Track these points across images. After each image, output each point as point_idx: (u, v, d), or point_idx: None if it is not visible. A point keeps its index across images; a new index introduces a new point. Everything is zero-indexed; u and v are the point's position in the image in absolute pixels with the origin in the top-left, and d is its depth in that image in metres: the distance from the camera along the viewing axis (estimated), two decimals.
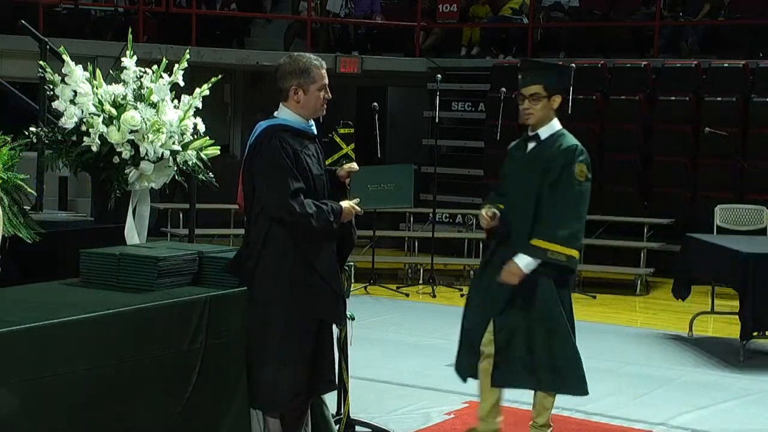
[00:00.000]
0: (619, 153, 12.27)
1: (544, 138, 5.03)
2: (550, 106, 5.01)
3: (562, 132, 5.08)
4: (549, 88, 4.97)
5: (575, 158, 4.94)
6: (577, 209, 4.92)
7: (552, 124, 5.07)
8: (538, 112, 4.98)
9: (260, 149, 4.45)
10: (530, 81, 4.98)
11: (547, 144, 5.01)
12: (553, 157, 4.94)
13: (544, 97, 4.96)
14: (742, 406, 6.57)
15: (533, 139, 5.06)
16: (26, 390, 3.79)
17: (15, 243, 5.09)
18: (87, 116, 5.62)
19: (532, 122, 5.00)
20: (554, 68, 5.21)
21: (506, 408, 6.34)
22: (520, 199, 4.99)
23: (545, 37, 14.42)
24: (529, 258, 4.86)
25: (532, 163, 5.00)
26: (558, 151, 4.95)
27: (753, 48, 12.86)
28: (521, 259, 4.87)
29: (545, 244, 4.84)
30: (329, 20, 15.34)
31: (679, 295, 8.53)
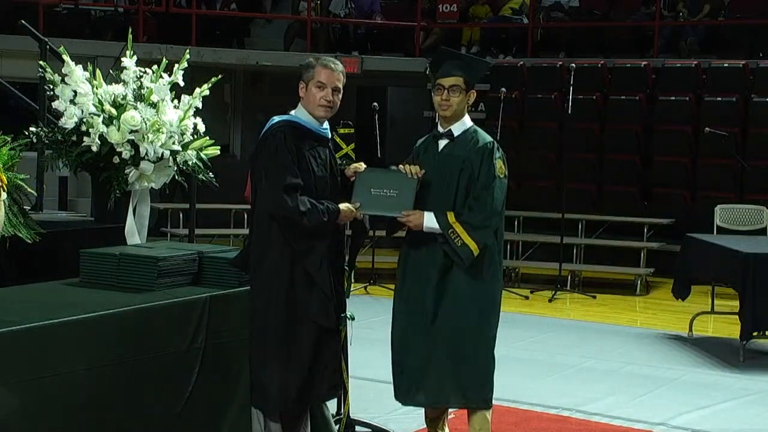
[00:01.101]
0: (619, 153, 12.27)
1: (458, 135, 4.80)
2: (467, 100, 4.79)
3: (475, 128, 4.85)
4: (469, 82, 4.76)
5: (493, 155, 4.73)
6: (491, 204, 4.69)
7: (464, 121, 4.84)
8: (456, 105, 4.74)
9: (264, 143, 4.45)
10: (451, 72, 4.73)
11: (461, 142, 4.78)
12: (469, 155, 4.73)
13: (463, 90, 4.74)
14: (742, 406, 6.57)
15: (445, 136, 4.82)
16: (26, 390, 3.80)
17: (15, 243, 5.09)
18: (87, 116, 5.62)
19: (448, 114, 4.75)
20: (475, 62, 4.99)
21: (506, 408, 6.35)
22: (435, 202, 4.73)
23: (545, 37, 14.43)
24: (434, 221, 4.67)
25: (447, 163, 4.76)
26: (474, 148, 4.74)
27: (753, 48, 12.86)
28: (430, 218, 4.68)
29: (453, 221, 4.65)
30: (329, 20, 15.34)
31: (679, 295, 8.52)
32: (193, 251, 4.91)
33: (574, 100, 10.53)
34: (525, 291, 10.55)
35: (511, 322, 9.17)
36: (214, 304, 4.61)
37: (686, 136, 11.93)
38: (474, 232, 4.64)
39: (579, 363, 7.60)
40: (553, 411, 6.33)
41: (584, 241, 11.58)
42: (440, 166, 4.78)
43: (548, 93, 12.73)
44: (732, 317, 8.10)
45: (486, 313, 4.84)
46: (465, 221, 4.64)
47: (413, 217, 4.69)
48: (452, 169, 4.73)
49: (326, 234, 4.49)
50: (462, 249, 4.65)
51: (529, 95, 12.97)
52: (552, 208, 11.49)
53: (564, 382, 7.06)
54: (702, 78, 12.27)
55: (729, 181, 11.60)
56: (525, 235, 12.00)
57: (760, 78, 11.95)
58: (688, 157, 11.94)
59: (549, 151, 12.49)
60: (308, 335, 4.50)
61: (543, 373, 7.26)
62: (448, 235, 4.64)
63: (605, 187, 12.34)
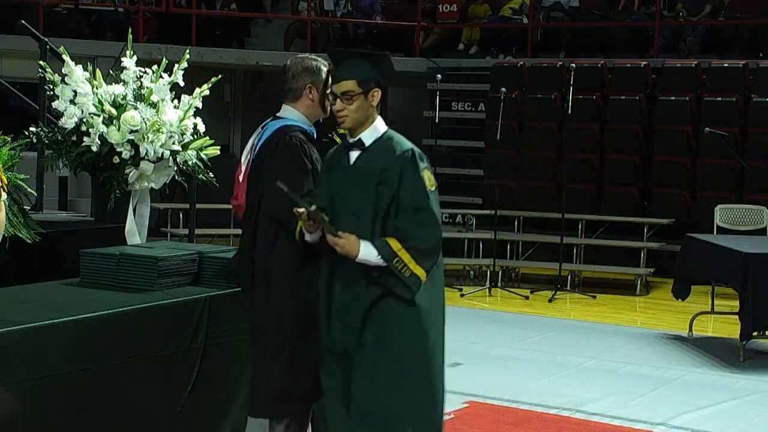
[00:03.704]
0: (619, 153, 12.27)
1: (370, 144, 4.10)
2: (369, 103, 4.10)
3: (390, 134, 4.17)
4: (364, 83, 4.07)
5: (417, 164, 4.06)
6: (435, 227, 4.03)
7: (375, 126, 4.14)
8: (354, 113, 4.06)
9: (277, 150, 4.41)
10: (340, 76, 4.08)
11: (375, 151, 4.08)
12: (387, 167, 4.02)
13: (360, 94, 4.05)
14: (742, 406, 6.57)
15: (356, 146, 4.10)
16: (26, 390, 3.80)
17: (15, 243, 5.09)
18: (87, 116, 5.62)
19: (347, 125, 4.08)
20: (367, 57, 4.19)
21: (506, 408, 6.35)
22: (349, 224, 4.00)
23: (545, 37, 14.43)
24: (374, 250, 3.92)
25: (361, 178, 4.05)
26: (391, 157, 4.05)
27: (753, 48, 12.86)
28: (366, 245, 3.92)
29: (399, 248, 3.92)
30: (329, 20, 15.34)
31: (679, 295, 8.53)
32: (193, 251, 4.91)
33: (574, 100, 10.53)
34: (525, 291, 10.55)
35: (511, 322, 9.20)
36: (214, 304, 4.60)
37: (686, 136, 11.93)
38: (422, 259, 3.95)
39: (579, 363, 7.60)
40: (553, 411, 6.33)
41: (584, 241, 11.58)
42: (353, 181, 4.08)
43: (548, 93, 12.73)
44: (732, 317, 8.10)
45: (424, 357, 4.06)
46: (413, 247, 3.93)
47: (347, 242, 3.92)
48: (367, 185, 4.02)
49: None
50: (412, 279, 3.94)
51: (529, 95, 12.96)
52: (552, 208, 11.49)
53: (564, 382, 7.06)
54: (702, 78, 12.26)
55: (729, 181, 11.60)
56: (525, 235, 12.00)
57: (760, 78, 11.95)
58: (688, 157, 11.94)
59: (549, 151, 12.49)
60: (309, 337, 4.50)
61: (543, 373, 7.26)
62: (394, 265, 3.91)
63: (605, 187, 12.34)
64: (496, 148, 12.22)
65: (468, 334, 8.56)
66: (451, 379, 7.01)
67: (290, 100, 4.53)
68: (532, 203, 12.24)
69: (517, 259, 11.76)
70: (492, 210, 11.13)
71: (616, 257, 11.34)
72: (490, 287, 10.70)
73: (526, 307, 9.93)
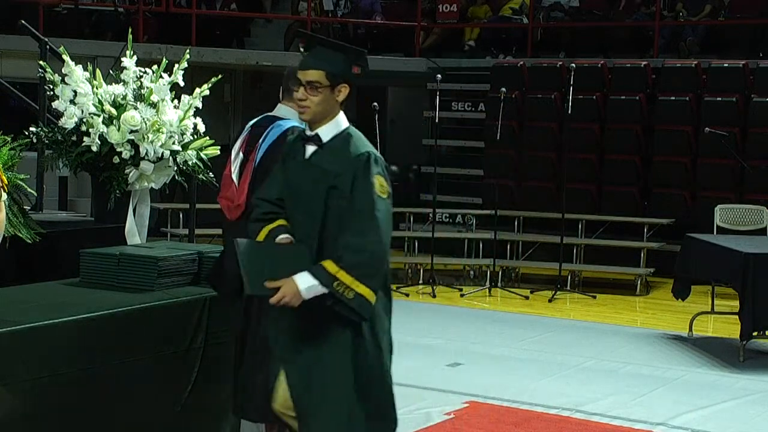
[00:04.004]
0: (619, 153, 12.27)
1: (327, 140, 3.87)
2: (334, 98, 3.84)
3: (350, 132, 3.89)
4: (333, 76, 3.82)
5: (370, 169, 3.77)
6: (379, 236, 3.69)
7: (337, 121, 3.89)
8: (316, 106, 3.81)
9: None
10: (309, 64, 3.83)
11: (332, 149, 3.85)
12: (341, 168, 3.78)
13: (326, 87, 3.81)
14: (742, 406, 6.57)
15: (313, 140, 3.89)
16: (26, 390, 3.80)
17: (15, 243, 5.09)
18: (87, 116, 5.62)
19: (307, 118, 3.85)
20: (341, 50, 3.90)
21: (506, 408, 6.35)
22: (302, 219, 3.85)
23: (545, 37, 14.43)
24: (312, 279, 3.66)
25: (314, 175, 3.84)
26: (347, 159, 3.80)
27: (753, 48, 12.86)
28: (303, 278, 3.65)
29: (336, 270, 3.65)
30: (329, 20, 15.34)
31: (679, 295, 8.53)
32: (193, 251, 4.91)
33: (574, 100, 10.53)
34: (525, 291, 10.55)
35: (511, 322, 9.20)
36: (214, 304, 4.61)
37: (686, 136, 11.93)
38: (365, 277, 3.65)
39: (579, 363, 7.60)
40: (553, 411, 6.33)
41: (584, 241, 11.58)
42: (306, 179, 3.87)
43: (548, 93, 12.73)
44: (732, 317, 8.10)
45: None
46: (351, 266, 3.64)
47: (285, 289, 3.65)
48: (319, 187, 3.81)
49: None
50: (357, 301, 3.64)
51: (529, 95, 12.97)
52: (552, 208, 11.49)
53: (564, 382, 7.06)
54: (702, 78, 12.26)
55: (729, 181, 11.60)
56: (525, 235, 12.00)
57: (760, 78, 11.95)
58: (688, 157, 11.94)
59: (549, 151, 12.50)
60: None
61: (543, 373, 7.26)
62: (334, 289, 3.62)
63: (605, 187, 12.34)
64: (496, 148, 12.22)
65: (468, 334, 8.57)
66: (451, 379, 7.06)
67: (289, 99, 4.55)
68: (532, 203, 12.24)
69: (517, 259, 11.76)
70: (492, 210, 11.13)
71: (616, 257, 11.34)
72: (490, 287, 10.70)
73: (526, 307, 9.93)
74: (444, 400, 6.46)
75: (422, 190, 13.67)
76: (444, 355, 7.74)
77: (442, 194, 12.02)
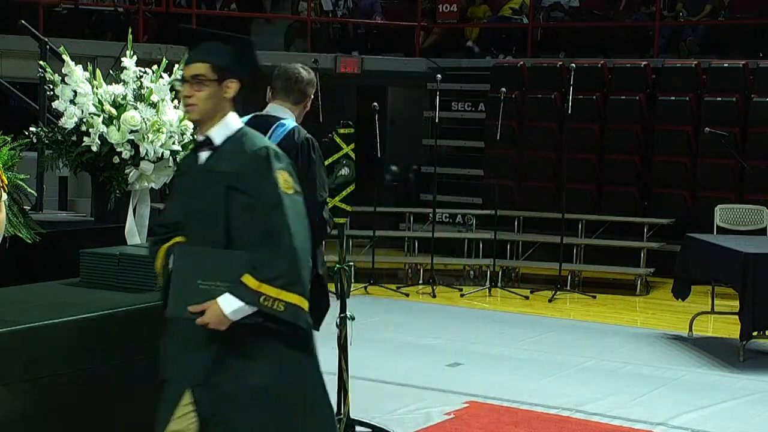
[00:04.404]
0: (619, 153, 12.27)
1: (221, 142, 3.56)
2: (222, 94, 3.56)
3: (244, 131, 3.61)
4: (219, 69, 3.54)
5: (271, 165, 3.50)
6: (291, 237, 3.42)
7: (227, 122, 3.59)
8: (203, 103, 3.51)
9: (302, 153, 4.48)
10: (194, 58, 3.56)
11: (228, 152, 3.54)
12: (238, 166, 3.50)
13: (212, 81, 3.52)
14: (742, 406, 6.57)
15: (205, 145, 3.58)
16: (26, 390, 3.80)
17: (15, 243, 5.09)
18: (87, 116, 5.62)
19: (195, 117, 3.55)
20: (226, 41, 3.62)
21: (506, 408, 6.36)
22: (202, 232, 3.54)
23: (545, 37, 14.43)
24: (237, 301, 3.39)
25: (209, 180, 3.53)
26: (243, 157, 3.51)
27: (753, 48, 12.86)
28: (227, 301, 3.39)
29: (258, 285, 3.39)
30: (329, 20, 15.34)
31: (679, 295, 8.53)
32: None
33: (574, 100, 10.53)
34: (525, 291, 10.55)
35: (511, 322, 9.20)
36: None
37: (686, 136, 11.93)
38: (291, 285, 3.41)
39: (579, 363, 7.60)
40: (553, 411, 6.33)
41: (584, 241, 11.58)
42: (201, 186, 3.55)
43: (548, 93, 12.74)
44: (732, 317, 8.10)
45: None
46: (273, 277, 3.39)
47: (210, 314, 3.40)
48: (215, 191, 3.51)
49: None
50: (289, 312, 3.41)
51: (529, 95, 12.97)
52: (552, 208, 11.49)
53: (564, 382, 7.06)
54: (702, 78, 12.26)
55: (729, 181, 11.60)
56: (525, 235, 12.00)
57: (760, 78, 11.95)
58: (688, 157, 11.94)
59: (549, 151, 12.50)
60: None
61: (543, 373, 7.26)
62: (262, 305, 3.38)
63: (605, 187, 12.34)
64: (496, 148, 12.22)
65: (468, 334, 8.57)
66: (451, 379, 7.07)
67: (292, 102, 4.64)
68: (532, 203, 12.24)
69: (517, 259, 11.76)
70: (492, 210, 11.13)
71: (616, 257, 11.34)
72: (490, 287, 10.70)
73: (526, 307, 9.93)
74: (444, 400, 6.46)
75: (422, 190, 13.68)
76: (444, 355, 7.74)
77: (442, 194, 12.02)
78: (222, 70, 3.54)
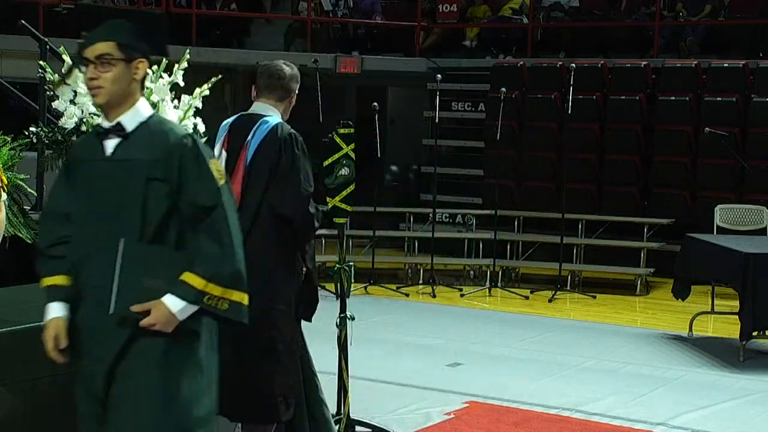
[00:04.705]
0: (619, 153, 12.27)
1: (133, 129, 3.28)
2: (131, 76, 3.27)
3: (160, 117, 3.39)
4: (126, 47, 3.24)
5: (201, 154, 3.28)
6: (231, 233, 3.26)
7: (138, 108, 3.31)
8: (112, 84, 3.22)
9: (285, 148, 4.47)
10: (96, 37, 3.25)
11: (141, 139, 3.27)
12: (159, 154, 3.23)
13: (120, 61, 3.22)
14: (742, 406, 6.57)
15: (114, 132, 3.28)
16: (26, 390, 3.80)
17: (15, 243, 5.09)
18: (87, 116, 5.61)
19: (102, 100, 3.25)
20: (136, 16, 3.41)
21: (506, 408, 6.36)
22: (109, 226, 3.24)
23: (545, 37, 14.43)
24: (181, 301, 3.20)
25: (123, 172, 3.24)
26: (164, 144, 3.24)
27: (753, 48, 12.86)
28: (173, 300, 3.20)
29: (201, 283, 3.21)
30: (329, 20, 15.35)
31: (679, 295, 8.53)
32: None
33: (574, 100, 10.53)
34: (525, 291, 10.55)
35: (511, 322, 9.20)
36: None
37: (686, 136, 11.93)
38: (237, 283, 3.27)
39: (579, 363, 7.60)
40: (553, 411, 6.33)
41: (584, 241, 11.58)
42: (112, 178, 3.26)
43: (548, 93, 12.74)
44: (732, 317, 8.10)
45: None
46: (220, 276, 3.22)
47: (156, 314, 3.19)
48: (134, 182, 3.23)
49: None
50: (232, 310, 3.26)
51: (529, 95, 12.97)
52: (552, 208, 11.49)
53: (564, 382, 7.06)
54: (702, 78, 12.26)
55: (729, 181, 11.60)
56: (525, 235, 12.00)
57: (760, 78, 11.95)
58: (688, 157, 11.94)
59: (549, 151, 12.50)
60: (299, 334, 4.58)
61: (543, 373, 7.26)
62: (206, 304, 3.22)
63: (605, 187, 12.35)
64: (496, 148, 12.22)
65: (468, 334, 8.57)
66: (451, 379, 7.06)
67: (276, 99, 4.66)
68: (532, 203, 12.25)
69: (517, 259, 11.76)
70: (492, 210, 11.13)
71: (616, 257, 11.35)
72: (490, 287, 10.70)
73: (526, 307, 9.93)
74: (444, 400, 6.46)
75: (422, 190, 13.68)
76: (444, 355, 7.73)
77: (442, 194, 12.02)
78: (129, 48, 3.26)
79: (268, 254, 4.39)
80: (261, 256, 4.35)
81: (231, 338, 4.28)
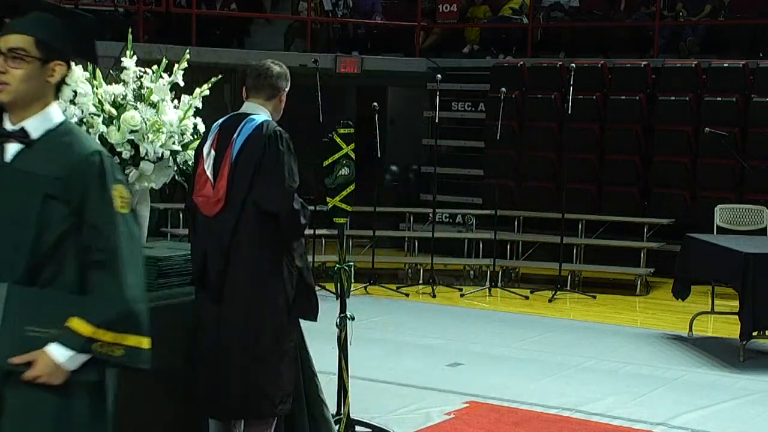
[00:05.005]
0: (619, 153, 12.27)
1: (38, 136, 2.92)
2: (45, 78, 2.92)
3: (69, 127, 2.99)
4: (45, 46, 2.90)
5: (106, 178, 2.90)
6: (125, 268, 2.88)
7: (48, 114, 2.94)
8: (21, 83, 2.87)
9: (269, 144, 4.47)
10: (14, 27, 2.91)
11: (46, 150, 2.91)
12: (63, 171, 2.87)
13: (34, 59, 2.88)
14: (742, 406, 6.58)
15: (16, 136, 2.92)
16: None
17: None
18: (87, 116, 5.62)
19: (6, 98, 2.89)
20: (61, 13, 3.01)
21: (506, 408, 6.36)
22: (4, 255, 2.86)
23: (545, 37, 14.43)
24: (67, 350, 2.82)
25: (19, 183, 2.89)
26: (70, 160, 2.88)
27: (753, 48, 12.86)
28: (59, 350, 2.82)
29: (89, 329, 2.83)
30: (329, 20, 15.34)
31: (679, 295, 8.53)
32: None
33: (574, 100, 10.53)
34: (525, 291, 10.55)
35: (511, 322, 9.20)
36: None
37: (686, 136, 11.93)
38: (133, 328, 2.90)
39: (579, 363, 7.60)
40: (553, 411, 6.33)
41: (584, 241, 11.58)
42: (7, 188, 2.90)
43: (548, 93, 12.74)
44: (732, 317, 8.10)
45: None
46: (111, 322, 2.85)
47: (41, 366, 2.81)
48: (29, 197, 2.86)
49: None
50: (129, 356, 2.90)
51: (529, 95, 12.97)
52: (552, 208, 11.49)
53: (564, 382, 7.06)
54: (702, 78, 12.26)
55: (729, 181, 11.61)
56: (525, 235, 12.00)
57: (760, 78, 11.95)
58: (688, 157, 11.94)
59: (549, 151, 12.50)
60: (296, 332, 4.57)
61: (543, 373, 7.27)
62: (98, 352, 2.84)
63: (605, 187, 12.35)
64: (496, 148, 12.22)
65: (468, 334, 8.57)
66: (451, 379, 7.07)
67: (264, 98, 4.68)
68: (532, 203, 12.25)
69: (517, 259, 11.76)
70: (492, 210, 11.13)
71: (616, 257, 11.35)
72: (490, 287, 10.70)
73: (526, 307, 9.94)
74: (444, 400, 6.46)
75: (422, 190, 13.68)
76: (444, 355, 7.74)
77: (442, 194, 12.02)
78: (48, 47, 2.91)
79: (253, 251, 4.40)
80: (247, 254, 4.40)
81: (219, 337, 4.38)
